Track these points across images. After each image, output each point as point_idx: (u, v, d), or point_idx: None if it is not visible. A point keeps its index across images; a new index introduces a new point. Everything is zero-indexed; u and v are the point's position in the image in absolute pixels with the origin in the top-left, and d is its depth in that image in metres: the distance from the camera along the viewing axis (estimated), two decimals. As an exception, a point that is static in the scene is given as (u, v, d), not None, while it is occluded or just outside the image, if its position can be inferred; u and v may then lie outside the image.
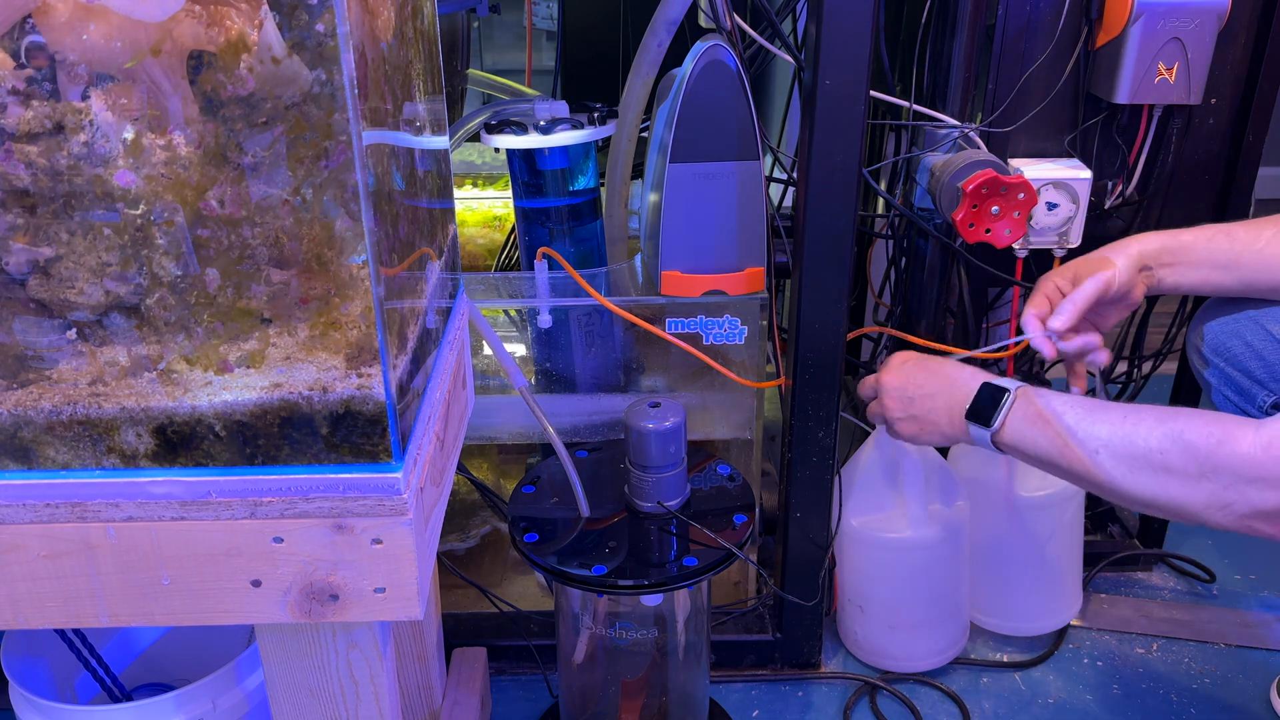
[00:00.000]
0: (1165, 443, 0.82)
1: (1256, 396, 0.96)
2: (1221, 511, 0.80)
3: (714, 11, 1.08)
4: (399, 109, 0.68)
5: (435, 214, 0.80)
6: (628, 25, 1.57)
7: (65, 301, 0.59)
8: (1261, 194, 1.25)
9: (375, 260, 0.59)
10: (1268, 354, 0.96)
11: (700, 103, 1.04)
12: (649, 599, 1.01)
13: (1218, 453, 0.79)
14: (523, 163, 1.18)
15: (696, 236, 1.10)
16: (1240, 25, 1.13)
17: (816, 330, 1.07)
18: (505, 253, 1.35)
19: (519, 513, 1.01)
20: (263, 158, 0.56)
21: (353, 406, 0.62)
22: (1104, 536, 1.47)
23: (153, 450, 0.62)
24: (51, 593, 0.64)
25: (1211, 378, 1.02)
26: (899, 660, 1.24)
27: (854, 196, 1.01)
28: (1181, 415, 0.83)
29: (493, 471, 1.48)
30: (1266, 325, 0.97)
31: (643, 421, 0.95)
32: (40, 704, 0.87)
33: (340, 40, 0.54)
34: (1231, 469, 0.78)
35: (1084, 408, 0.88)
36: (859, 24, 0.93)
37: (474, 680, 1.11)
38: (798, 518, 1.16)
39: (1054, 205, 1.15)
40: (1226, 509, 0.79)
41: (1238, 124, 1.18)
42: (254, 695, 0.92)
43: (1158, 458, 0.82)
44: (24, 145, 0.55)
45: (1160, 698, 1.22)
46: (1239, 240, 0.97)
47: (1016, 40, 1.13)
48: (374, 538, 0.63)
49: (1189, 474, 0.80)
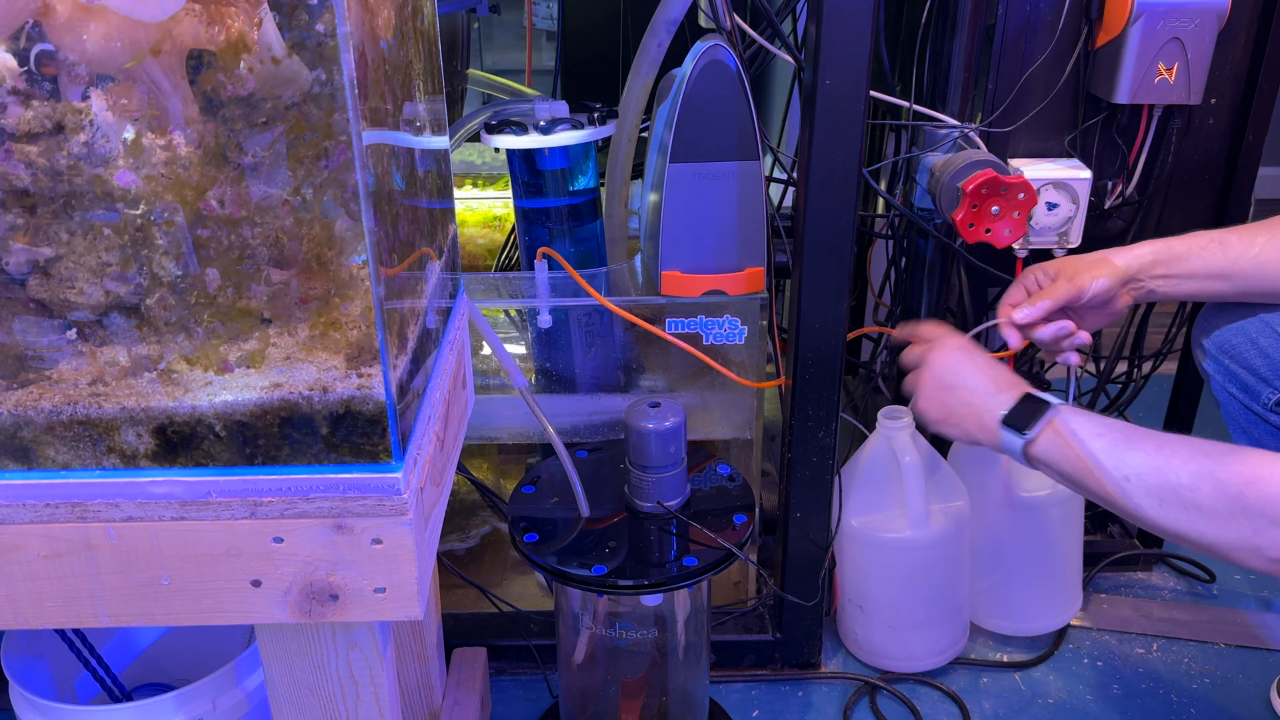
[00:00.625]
0: (1196, 480, 0.79)
1: (1261, 393, 0.96)
2: (1252, 555, 0.78)
3: (714, 11, 1.08)
4: (399, 109, 0.68)
5: (435, 214, 0.80)
6: (628, 25, 1.57)
7: (65, 301, 0.59)
8: (1261, 194, 1.25)
9: (375, 260, 0.59)
10: (1273, 351, 0.96)
11: (700, 103, 1.04)
12: (649, 599, 1.01)
13: (1246, 493, 0.77)
14: (523, 163, 1.18)
15: (696, 236, 1.10)
16: (1240, 25, 1.13)
17: (816, 330, 1.07)
18: (505, 253, 1.35)
19: (519, 513, 1.01)
20: (263, 158, 0.56)
21: (353, 406, 0.62)
22: (1104, 536, 1.47)
23: (153, 450, 0.62)
24: (51, 593, 0.64)
25: (1214, 372, 1.02)
26: (899, 660, 1.24)
27: (854, 196, 1.01)
28: (1215, 452, 0.80)
29: (493, 471, 1.48)
30: (1273, 324, 0.97)
31: (643, 421, 0.95)
32: (40, 704, 0.87)
33: (340, 40, 0.54)
34: (1260, 510, 0.76)
35: (1119, 433, 0.86)
36: (859, 24, 0.94)
37: (474, 680, 1.11)
38: (798, 518, 1.16)
39: (1054, 205, 1.15)
40: (1257, 552, 0.77)
41: (1238, 124, 1.18)
42: (254, 695, 0.92)
43: (1187, 494, 0.80)
44: (24, 145, 0.55)
45: (1160, 698, 1.22)
46: (1233, 248, 0.97)
47: (1016, 40, 1.13)
48: (374, 538, 0.63)
49: (1219, 513, 0.78)
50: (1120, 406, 1.44)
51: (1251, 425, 0.99)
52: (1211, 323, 1.03)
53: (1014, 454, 0.93)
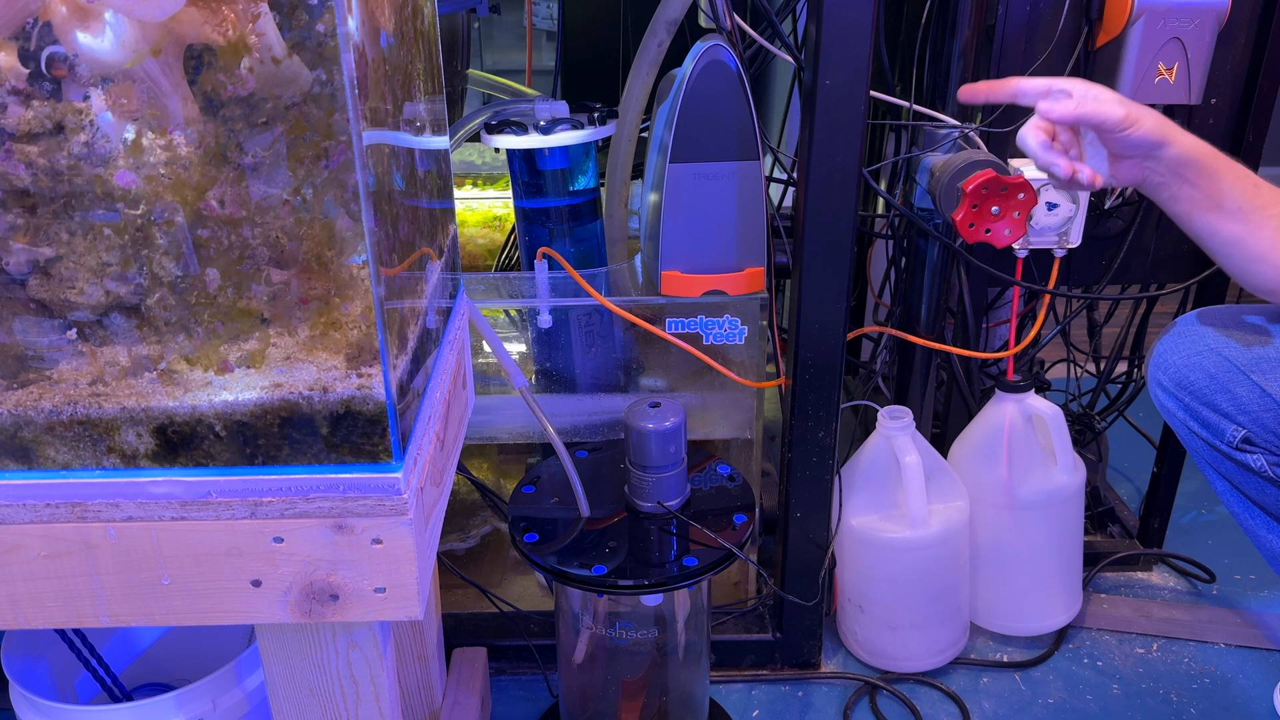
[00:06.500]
0: None
1: (1225, 431, 0.94)
2: None
3: (714, 11, 1.08)
4: (399, 109, 0.68)
5: (435, 214, 0.80)
6: (628, 25, 1.57)
7: (65, 301, 0.59)
8: (1261, 194, 1.25)
9: (375, 260, 0.59)
10: (1233, 386, 0.94)
11: (700, 103, 1.04)
12: (649, 599, 1.01)
13: None
14: (523, 163, 1.18)
15: (696, 236, 1.10)
16: (1240, 25, 1.13)
17: (816, 330, 1.07)
18: (505, 253, 1.35)
19: (519, 513, 1.01)
20: (263, 158, 0.56)
21: (353, 406, 0.62)
22: (1104, 536, 1.47)
23: (153, 450, 0.62)
24: (51, 593, 0.64)
25: (1176, 409, 0.99)
26: (899, 660, 1.24)
27: (854, 196, 1.01)
28: None
29: (493, 471, 1.48)
30: (1228, 355, 0.95)
31: (643, 421, 0.95)
32: (40, 704, 0.87)
33: (340, 40, 0.54)
34: None
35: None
36: (859, 24, 0.94)
37: (474, 680, 1.11)
38: (798, 518, 1.16)
39: (1054, 205, 1.15)
40: None
41: (1238, 124, 1.18)
42: (254, 695, 0.92)
43: None
44: (24, 145, 0.55)
45: (1160, 698, 1.22)
46: (1264, 195, 0.91)
47: (1016, 40, 1.13)
48: (374, 538, 0.63)
49: None
50: (1120, 407, 1.44)
51: (1216, 461, 0.98)
52: (1168, 359, 1.00)
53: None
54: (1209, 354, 0.96)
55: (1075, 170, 0.90)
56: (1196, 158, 0.89)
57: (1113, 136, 0.89)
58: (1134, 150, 0.89)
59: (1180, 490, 1.39)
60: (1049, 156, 0.90)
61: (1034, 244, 1.17)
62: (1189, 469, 1.31)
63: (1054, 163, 0.90)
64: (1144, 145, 0.89)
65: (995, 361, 1.36)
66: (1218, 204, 0.90)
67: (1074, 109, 0.88)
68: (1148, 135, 0.88)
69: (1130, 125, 0.88)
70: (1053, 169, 0.90)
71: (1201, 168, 0.89)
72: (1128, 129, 0.88)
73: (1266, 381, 0.92)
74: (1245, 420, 0.93)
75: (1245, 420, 0.93)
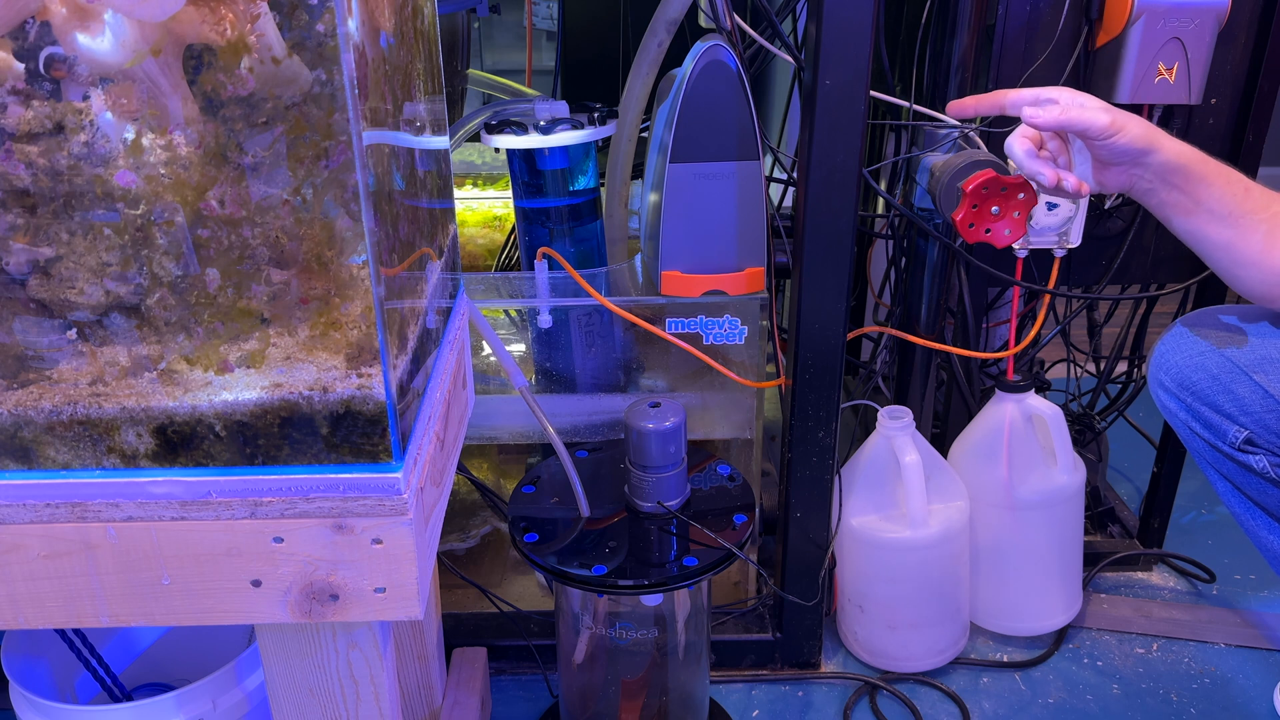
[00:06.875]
0: None
1: (1227, 432, 0.94)
2: None
3: (714, 11, 1.08)
4: (399, 109, 0.68)
5: (435, 214, 0.80)
6: (628, 25, 1.57)
7: (65, 301, 0.59)
8: (1261, 194, 1.25)
9: (375, 260, 0.59)
10: (1235, 386, 0.93)
11: (700, 103, 1.04)
12: (649, 599, 1.01)
13: None
14: (523, 163, 1.18)
15: (696, 236, 1.10)
16: (1240, 25, 1.13)
17: (816, 330, 1.07)
18: (505, 253, 1.35)
19: (519, 513, 1.01)
20: (263, 158, 0.56)
21: (353, 406, 0.62)
22: (1104, 536, 1.47)
23: (153, 450, 0.62)
24: (51, 593, 0.64)
25: (1177, 410, 0.99)
26: (899, 660, 1.24)
27: (854, 196, 1.01)
28: None
29: (493, 471, 1.48)
30: (1230, 355, 0.95)
31: (643, 421, 0.95)
32: (40, 704, 0.87)
33: (340, 40, 0.54)
34: None
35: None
36: (859, 24, 0.94)
37: (474, 680, 1.11)
38: (798, 518, 1.16)
39: (1054, 205, 1.15)
40: None
41: (1238, 124, 1.18)
42: (254, 695, 0.92)
43: None
44: (24, 145, 0.55)
45: (1160, 698, 1.22)
46: (1254, 199, 0.90)
47: (1016, 40, 1.13)
48: (374, 538, 0.63)
49: None
50: (1120, 406, 1.44)
51: (1218, 462, 0.98)
52: (1169, 359, 1.00)
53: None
54: (1211, 354, 0.96)
55: (1060, 178, 0.91)
56: (1184, 164, 0.89)
57: (1099, 143, 0.89)
58: (1121, 157, 0.90)
59: (1180, 490, 1.39)
60: (1034, 165, 0.91)
61: (1034, 244, 1.17)
62: (1189, 469, 1.31)
63: (1039, 171, 0.91)
64: (1130, 152, 0.89)
65: (995, 361, 1.36)
66: (1207, 209, 0.90)
67: (1058, 116, 0.89)
68: (1133, 142, 0.88)
69: (1115, 132, 0.88)
70: (1038, 177, 0.91)
71: (1189, 174, 0.90)
72: (1113, 136, 0.88)
73: (1269, 382, 0.92)
74: (1248, 421, 0.93)
75: (1248, 421, 0.93)
